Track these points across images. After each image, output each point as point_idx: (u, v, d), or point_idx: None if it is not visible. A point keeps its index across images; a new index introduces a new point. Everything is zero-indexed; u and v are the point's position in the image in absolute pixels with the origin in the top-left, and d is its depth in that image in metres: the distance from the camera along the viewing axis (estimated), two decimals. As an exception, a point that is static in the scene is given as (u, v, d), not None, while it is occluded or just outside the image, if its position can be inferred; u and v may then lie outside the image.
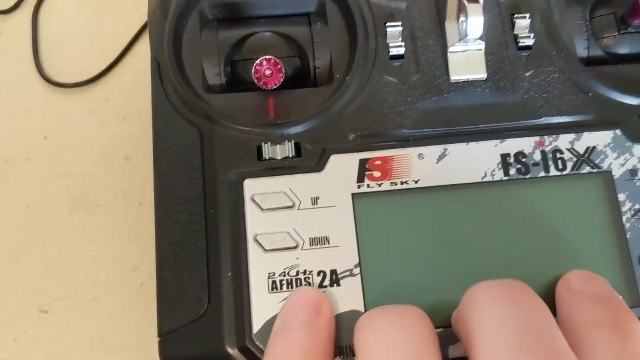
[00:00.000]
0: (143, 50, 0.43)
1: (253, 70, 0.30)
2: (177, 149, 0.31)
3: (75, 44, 0.43)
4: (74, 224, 0.38)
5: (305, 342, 0.26)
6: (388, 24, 0.33)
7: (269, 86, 0.30)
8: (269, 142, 0.31)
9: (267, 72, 0.29)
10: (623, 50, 0.35)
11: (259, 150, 0.31)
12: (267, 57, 0.30)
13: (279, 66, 0.29)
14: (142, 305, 0.36)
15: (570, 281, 0.28)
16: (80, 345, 0.35)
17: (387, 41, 0.32)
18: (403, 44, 0.32)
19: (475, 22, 0.30)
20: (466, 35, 0.30)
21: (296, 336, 0.26)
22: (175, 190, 0.31)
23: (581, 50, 0.34)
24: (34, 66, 0.43)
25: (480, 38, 0.31)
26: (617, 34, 0.34)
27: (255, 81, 0.30)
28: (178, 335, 0.29)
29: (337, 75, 0.32)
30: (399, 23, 0.32)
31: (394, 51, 0.32)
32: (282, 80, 0.30)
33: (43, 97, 0.42)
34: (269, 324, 0.28)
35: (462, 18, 0.31)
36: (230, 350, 0.28)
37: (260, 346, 0.28)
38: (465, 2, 0.30)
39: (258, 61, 0.30)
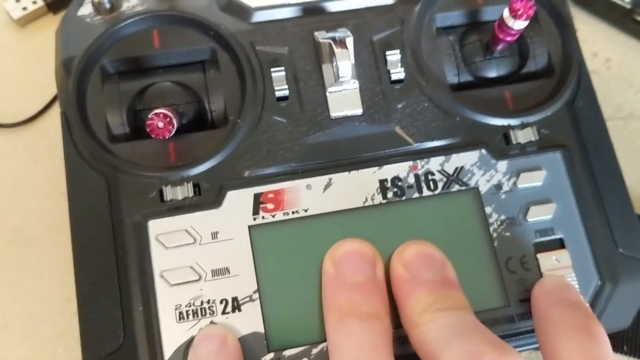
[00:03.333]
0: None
1: (146, 124, 0.33)
2: (87, 196, 0.34)
3: (14, 84, 0.46)
4: (11, 256, 0.41)
5: None
6: (272, 68, 0.36)
7: (162, 137, 0.33)
8: (170, 185, 0.34)
9: (159, 124, 0.32)
10: (490, 74, 0.39)
11: (161, 193, 0.34)
12: (158, 111, 0.33)
13: (169, 118, 0.33)
14: (76, 334, 0.38)
15: (545, 285, 0.32)
16: None
17: (273, 84, 0.36)
18: (287, 86, 0.36)
19: (344, 66, 0.33)
20: (339, 77, 0.34)
21: None
22: (88, 234, 0.34)
23: (452, 77, 0.38)
24: None
25: (354, 77, 0.35)
26: (483, 59, 0.38)
27: (149, 133, 0.33)
28: (98, 368, 0.32)
29: (231, 118, 0.36)
30: (282, 67, 0.36)
31: (279, 93, 0.36)
32: (173, 131, 0.33)
33: None
34: (179, 352, 0.32)
35: (334, 62, 0.34)
36: (144, 378, 0.32)
37: (172, 372, 0.31)
38: (335, 49, 0.33)
39: (150, 115, 0.33)
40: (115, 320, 0.32)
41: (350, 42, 0.34)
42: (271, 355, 0.32)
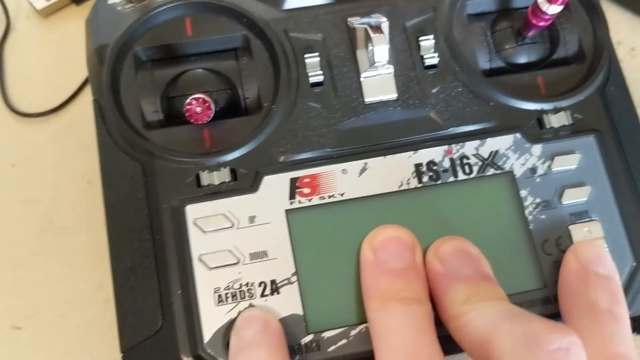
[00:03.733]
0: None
1: (184, 109, 0.33)
2: (122, 183, 0.35)
3: (38, 75, 0.46)
4: (41, 246, 0.41)
5: (266, 346, 0.30)
6: (306, 55, 0.36)
7: (199, 122, 0.33)
8: (206, 170, 0.34)
9: (198, 109, 0.33)
10: (521, 59, 0.39)
11: (198, 178, 0.34)
12: (196, 95, 0.33)
13: (207, 104, 0.33)
14: (107, 321, 0.39)
15: (580, 252, 0.31)
16: (52, 359, 0.38)
17: (307, 70, 0.36)
18: (321, 72, 0.36)
19: (380, 50, 0.34)
20: (375, 62, 0.34)
21: (256, 345, 0.30)
22: (124, 221, 0.34)
23: (484, 63, 0.38)
24: (1, 97, 0.45)
25: (389, 62, 0.35)
26: (515, 45, 0.38)
27: (187, 118, 0.33)
28: (138, 351, 0.32)
29: (265, 104, 0.36)
30: (317, 54, 0.36)
31: (313, 79, 0.36)
32: (211, 116, 0.33)
33: (10, 127, 0.44)
34: (218, 334, 0.32)
35: (370, 47, 0.34)
36: (185, 359, 0.32)
37: (212, 354, 0.31)
38: (371, 33, 0.33)
39: (188, 100, 0.33)
40: (153, 305, 0.33)
41: (385, 26, 0.34)
42: (310, 336, 0.32)
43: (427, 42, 0.37)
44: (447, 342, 0.30)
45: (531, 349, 0.25)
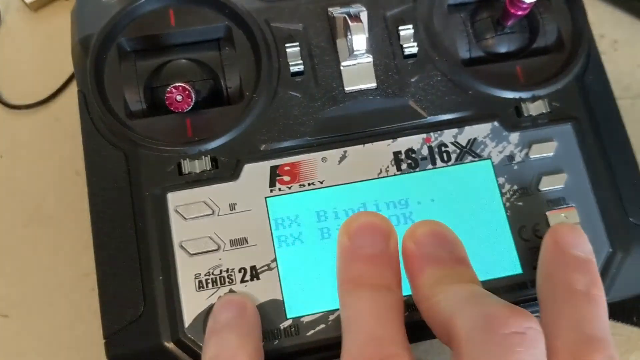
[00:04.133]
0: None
1: (165, 97, 0.33)
2: (106, 172, 0.35)
3: (28, 68, 0.47)
4: (29, 235, 0.42)
5: (237, 331, 0.30)
6: (287, 44, 0.36)
7: (180, 110, 0.34)
8: (187, 159, 0.34)
9: (178, 97, 0.33)
10: (501, 49, 0.39)
11: (179, 166, 0.35)
12: (177, 84, 0.33)
13: (188, 92, 0.33)
14: (93, 308, 0.39)
15: (558, 235, 0.31)
16: (39, 346, 0.39)
17: (288, 60, 0.36)
18: (302, 62, 0.36)
19: (359, 39, 0.34)
20: (353, 51, 0.34)
21: (228, 329, 0.30)
22: (107, 209, 0.35)
23: (464, 53, 0.39)
24: None
25: (368, 52, 0.36)
26: (494, 35, 0.39)
27: (168, 106, 0.34)
28: (121, 336, 0.33)
29: (247, 94, 0.36)
30: (297, 43, 0.36)
31: (294, 69, 0.36)
32: (192, 104, 0.34)
33: None
34: (199, 319, 0.32)
35: (349, 36, 0.35)
36: (166, 344, 0.32)
37: (193, 338, 0.32)
38: (350, 22, 0.34)
39: (169, 89, 0.33)
40: (135, 291, 0.33)
41: (364, 16, 0.34)
42: (289, 321, 0.32)
43: (407, 31, 0.37)
44: (421, 327, 0.30)
45: (487, 332, 0.25)
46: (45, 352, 0.39)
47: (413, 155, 0.35)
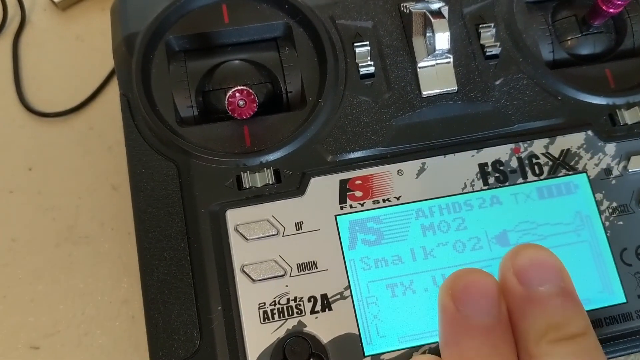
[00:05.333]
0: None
1: (226, 102, 0.30)
2: (154, 185, 0.31)
3: (57, 72, 0.43)
4: (62, 256, 0.38)
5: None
6: (355, 44, 0.33)
7: (243, 117, 0.30)
8: (248, 171, 0.31)
9: (241, 102, 0.29)
10: (586, 51, 0.35)
11: (239, 180, 0.31)
12: (240, 87, 0.30)
13: (252, 96, 0.29)
14: (134, 339, 0.35)
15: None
16: None
17: (357, 61, 0.33)
18: (372, 62, 0.32)
19: (442, 37, 0.30)
20: (434, 50, 0.31)
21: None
22: (156, 227, 0.31)
23: (547, 54, 0.35)
24: (16, 96, 0.42)
25: (448, 51, 0.32)
26: (579, 35, 0.35)
27: (230, 112, 0.30)
28: (171, 375, 0.29)
29: (310, 98, 0.32)
30: (367, 42, 0.33)
31: (364, 70, 0.32)
32: (255, 109, 0.30)
33: (26, 128, 0.41)
34: (265, 356, 0.28)
35: (428, 34, 0.31)
36: (225, 386, 0.28)
37: (258, 378, 0.28)
38: (431, 18, 0.30)
39: (230, 93, 0.29)
40: (189, 322, 0.29)
41: (446, 11, 0.31)
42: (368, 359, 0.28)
43: (488, 30, 0.33)
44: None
45: None
46: (81, 388, 0.35)
47: (501, 167, 0.31)
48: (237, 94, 0.29)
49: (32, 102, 0.42)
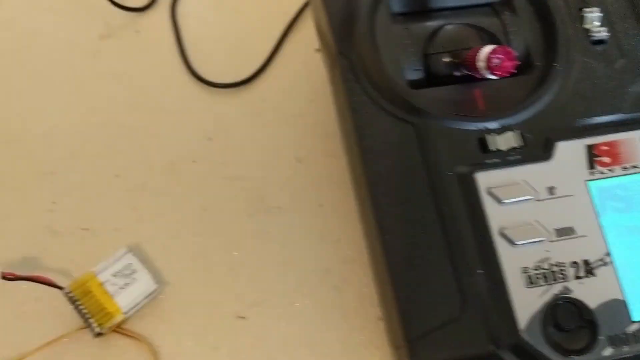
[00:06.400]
0: (292, 51, 0.41)
1: (490, 59, 0.28)
2: (389, 148, 0.30)
3: (216, 44, 0.41)
4: (256, 227, 0.36)
5: None
6: (585, 9, 0.32)
7: (504, 74, 0.29)
8: (491, 134, 0.30)
9: (502, 58, 0.28)
10: None
11: (482, 143, 0.30)
12: (500, 46, 0.29)
13: (511, 53, 0.29)
14: (341, 310, 0.34)
15: None
16: (284, 351, 0.33)
17: (586, 26, 0.32)
18: (605, 28, 0.32)
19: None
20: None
21: None
22: (396, 191, 0.29)
23: None
24: (182, 65, 0.40)
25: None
26: None
27: (487, 71, 0.29)
28: (430, 340, 0.27)
29: (537, 63, 0.32)
30: (598, 8, 0.32)
31: (596, 36, 0.32)
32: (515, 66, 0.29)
33: (198, 98, 0.40)
34: (534, 320, 0.27)
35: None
36: (498, 351, 0.27)
37: (531, 343, 0.27)
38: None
39: (491, 49, 0.28)
40: (448, 286, 0.28)
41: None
42: (636, 325, 0.27)
43: None
44: None
45: None
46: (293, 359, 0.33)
47: None
48: (499, 50, 0.28)
49: (200, 71, 0.41)
